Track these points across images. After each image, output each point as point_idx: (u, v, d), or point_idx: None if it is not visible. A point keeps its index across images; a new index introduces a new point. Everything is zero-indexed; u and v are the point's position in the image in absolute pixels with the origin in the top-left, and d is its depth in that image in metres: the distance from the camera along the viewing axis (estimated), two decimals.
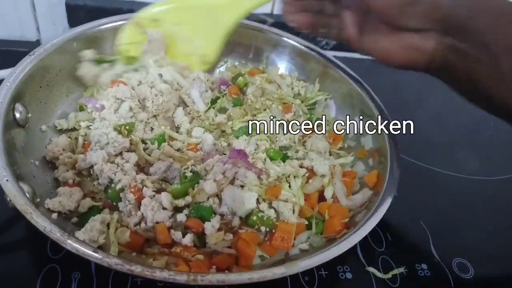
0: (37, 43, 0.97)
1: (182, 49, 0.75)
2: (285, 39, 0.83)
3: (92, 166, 0.60)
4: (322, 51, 0.81)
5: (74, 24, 0.94)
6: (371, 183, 0.63)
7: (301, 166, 0.65)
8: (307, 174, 0.64)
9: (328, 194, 0.63)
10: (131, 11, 0.80)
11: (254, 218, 0.56)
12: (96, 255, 0.43)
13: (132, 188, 0.56)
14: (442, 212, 0.72)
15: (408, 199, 0.58)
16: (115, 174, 0.58)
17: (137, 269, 0.43)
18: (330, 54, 0.81)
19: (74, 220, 0.55)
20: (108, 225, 0.53)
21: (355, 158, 0.70)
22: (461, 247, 0.66)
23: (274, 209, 0.58)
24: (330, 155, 0.71)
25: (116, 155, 0.61)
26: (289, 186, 0.61)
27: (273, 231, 0.57)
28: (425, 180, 0.78)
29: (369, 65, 0.75)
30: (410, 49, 0.55)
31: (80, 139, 0.65)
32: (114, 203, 0.57)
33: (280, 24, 0.82)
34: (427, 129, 0.86)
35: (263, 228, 0.56)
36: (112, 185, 0.57)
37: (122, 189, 0.56)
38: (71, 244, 0.44)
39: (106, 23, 0.75)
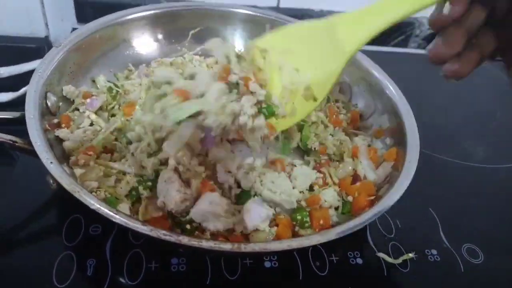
0: (46, 40, 0.97)
1: (284, 84, 0.56)
2: None
3: None
4: None
5: (82, 20, 0.96)
6: (390, 160, 0.65)
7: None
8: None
9: (361, 173, 0.65)
10: (138, 5, 0.81)
11: (299, 217, 0.57)
12: (145, 227, 0.45)
13: None
14: (451, 200, 0.73)
15: (417, 187, 0.59)
16: None
17: (184, 239, 0.45)
18: None
19: None
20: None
21: (372, 137, 0.72)
22: (470, 233, 0.67)
23: None
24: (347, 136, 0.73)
25: None
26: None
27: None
28: (434, 169, 0.78)
29: (377, 57, 0.77)
30: None
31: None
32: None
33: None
34: (434, 119, 0.87)
35: (297, 228, 0.58)
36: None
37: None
38: (120, 219, 0.45)
39: (127, 15, 0.77)
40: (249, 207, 0.55)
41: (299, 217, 0.57)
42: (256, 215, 0.55)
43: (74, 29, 0.90)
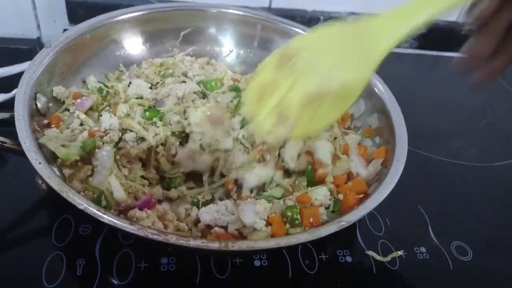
0: (38, 41, 0.98)
1: (315, 86, 0.54)
2: (290, 27, 0.84)
3: None
4: None
5: (74, 21, 0.96)
6: (379, 158, 0.65)
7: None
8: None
9: (354, 171, 0.65)
10: (130, 6, 0.81)
11: (289, 214, 0.57)
12: (132, 226, 0.45)
13: None
14: (440, 198, 0.73)
15: (407, 186, 0.59)
16: None
17: (172, 238, 0.45)
18: None
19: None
20: None
21: (363, 136, 0.72)
22: (459, 231, 0.67)
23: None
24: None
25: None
26: None
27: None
28: (423, 167, 0.78)
29: None
30: None
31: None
32: None
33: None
34: (424, 118, 0.88)
35: (287, 225, 0.58)
36: None
37: None
38: (108, 218, 0.46)
39: (117, 15, 0.77)
40: (243, 207, 0.56)
41: (289, 214, 0.57)
42: (251, 213, 0.55)
43: (66, 30, 0.90)
